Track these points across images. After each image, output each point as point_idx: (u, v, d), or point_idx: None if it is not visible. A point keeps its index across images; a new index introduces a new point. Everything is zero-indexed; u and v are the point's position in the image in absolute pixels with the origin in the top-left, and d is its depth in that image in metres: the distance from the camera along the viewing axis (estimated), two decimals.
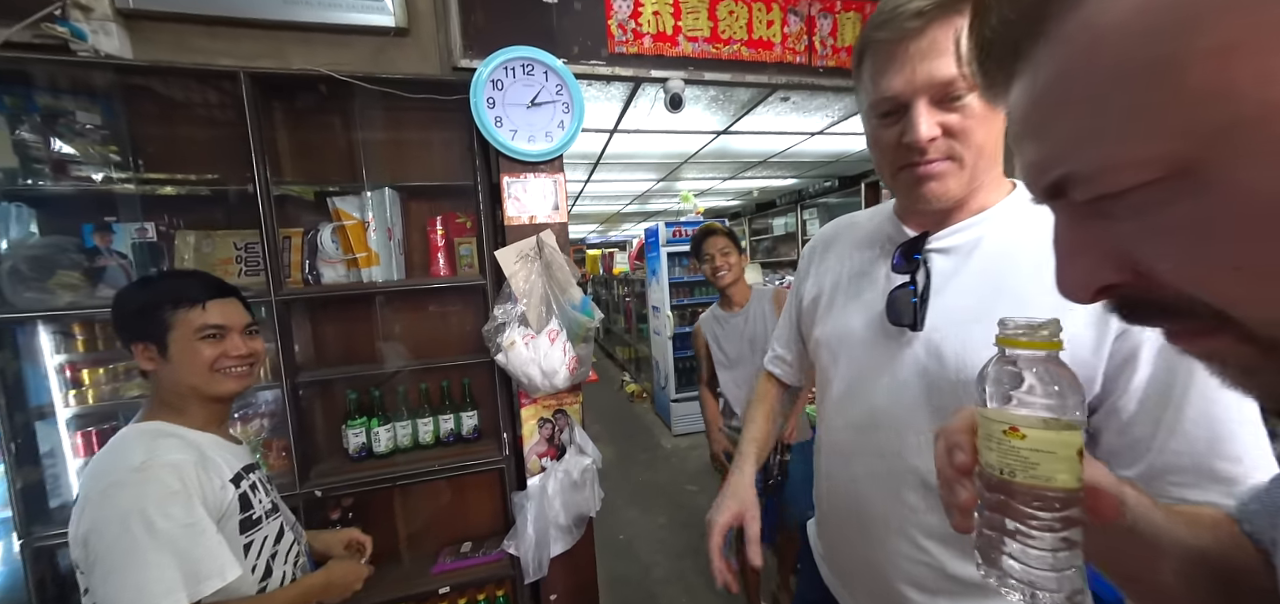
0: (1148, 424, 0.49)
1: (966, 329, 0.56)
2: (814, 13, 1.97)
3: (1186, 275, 0.20)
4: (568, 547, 1.70)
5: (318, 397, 1.68)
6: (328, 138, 1.64)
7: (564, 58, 1.72)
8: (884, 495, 0.62)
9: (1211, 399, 0.46)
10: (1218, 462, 0.46)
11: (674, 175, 4.64)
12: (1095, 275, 0.23)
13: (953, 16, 0.51)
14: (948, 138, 0.54)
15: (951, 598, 0.58)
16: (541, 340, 1.58)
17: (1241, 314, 0.19)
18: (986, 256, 0.58)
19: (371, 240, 1.57)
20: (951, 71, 0.51)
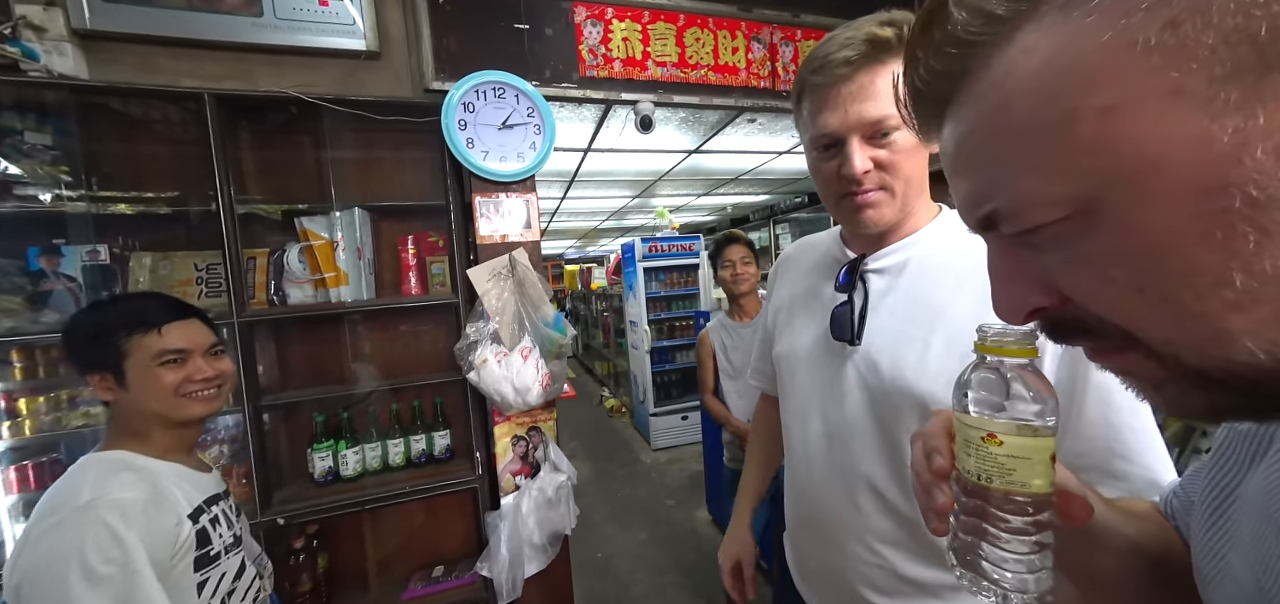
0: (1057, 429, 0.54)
1: (897, 343, 0.61)
2: (775, 41, 2.08)
3: (1096, 300, 0.22)
4: (542, 566, 1.69)
5: (282, 420, 1.64)
6: (296, 157, 1.63)
7: (536, 81, 1.77)
8: (840, 502, 0.65)
9: (1106, 404, 0.52)
10: (1114, 461, 0.52)
11: (649, 192, 4.72)
12: (1026, 300, 0.26)
13: (877, 64, 0.57)
14: (879, 170, 0.60)
15: (907, 599, 0.62)
16: (514, 358, 1.59)
17: (1145, 335, 0.21)
18: (913, 276, 0.63)
19: (340, 260, 1.56)
20: (879, 112, 0.57)
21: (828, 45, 0.59)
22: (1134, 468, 0.51)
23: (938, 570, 0.61)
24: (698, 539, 2.82)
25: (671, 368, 4.36)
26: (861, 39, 0.56)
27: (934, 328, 0.59)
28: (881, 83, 0.57)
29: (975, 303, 0.57)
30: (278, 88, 1.47)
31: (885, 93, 0.57)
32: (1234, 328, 0.19)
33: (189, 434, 0.87)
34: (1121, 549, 0.39)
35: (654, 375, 4.23)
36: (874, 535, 0.63)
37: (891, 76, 0.56)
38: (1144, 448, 0.51)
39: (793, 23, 2.10)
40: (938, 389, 0.58)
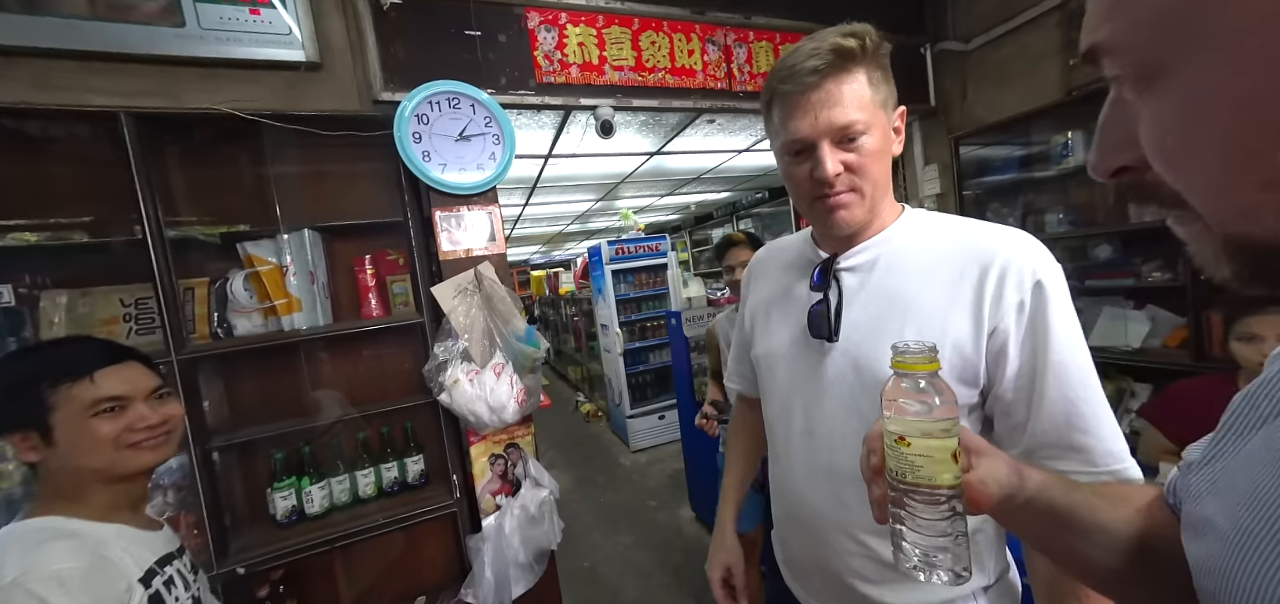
0: (1022, 409, 0.58)
1: (872, 336, 0.64)
2: (730, 42, 2.12)
3: (1159, 160, 0.23)
4: (530, 585, 1.65)
5: (236, 461, 1.53)
6: (233, 176, 1.52)
7: (491, 89, 1.73)
8: (824, 496, 0.67)
9: (1064, 382, 0.56)
10: (1073, 435, 0.56)
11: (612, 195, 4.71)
12: (1112, 157, 0.26)
13: (842, 73, 0.59)
14: (849, 173, 0.62)
15: (892, 585, 0.65)
16: (487, 375, 1.55)
17: (1191, 201, 0.23)
18: (884, 271, 0.66)
19: (291, 285, 1.47)
20: (847, 117, 0.60)
21: (794, 56, 0.61)
22: (1092, 440, 0.55)
23: None
24: (683, 539, 2.83)
25: (646, 369, 4.37)
26: (827, 49, 0.58)
27: (906, 320, 0.62)
28: (847, 90, 0.59)
29: (942, 293, 0.61)
30: (207, 103, 1.36)
31: (851, 99, 0.59)
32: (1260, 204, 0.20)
33: (134, 489, 0.79)
34: (1113, 539, 0.41)
35: (629, 377, 4.23)
36: (858, 526, 0.65)
37: (856, 84, 0.59)
38: (1099, 420, 0.56)
39: (744, 24, 2.15)
40: None
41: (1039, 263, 0.59)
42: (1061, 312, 0.57)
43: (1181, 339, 1.94)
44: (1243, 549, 0.28)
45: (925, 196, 2.81)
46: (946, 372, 0.57)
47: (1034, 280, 0.58)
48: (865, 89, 0.60)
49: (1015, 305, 0.58)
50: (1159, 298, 2.05)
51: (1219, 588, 0.29)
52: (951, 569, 0.39)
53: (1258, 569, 0.26)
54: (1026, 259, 0.59)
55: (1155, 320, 2.05)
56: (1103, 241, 2.21)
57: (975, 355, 0.59)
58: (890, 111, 0.65)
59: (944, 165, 2.70)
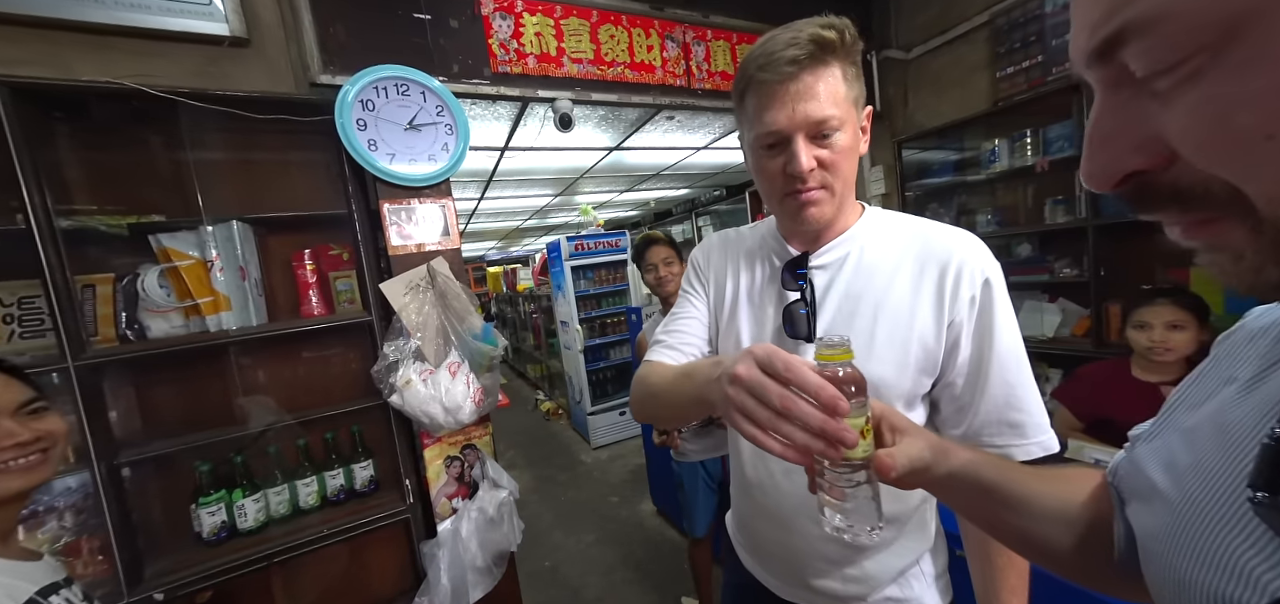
0: (969, 393, 0.64)
1: (843, 330, 0.64)
2: (688, 40, 2.14)
3: (1213, 150, 0.20)
4: (488, 589, 1.61)
5: (151, 476, 1.38)
6: (142, 161, 1.37)
7: (444, 77, 1.65)
8: (793, 488, 0.69)
9: (1005, 368, 0.62)
10: (1010, 412, 0.62)
11: (571, 190, 4.65)
12: (1121, 162, 0.24)
13: (820, 65, 0.58)
14: (821, 169, 0.62)
15: (853, 563, 0.69)
16: (441, 375, 1.49)
17: (1254, 190, 0.20)
18: (852, 270, 0.68)
19: (218, 282, 1.35)
20: (823, 112, 0.59)
21: (771, 44, 0.60)
22: (1025, 417, 0.62)
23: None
24: (645, 533, 2.86)
25: (607, 365, 4.36)
26: (807, 39, 0.57)
27: (876, 318, 0.64)
28: (824, 85, 0.59)
29: (907, 292, 0.64)
30: (104, 77, 1.21)
31: (827, 94, 0.59)
32: None
33: (3, 517, 0.69)
34: (1032, 508, 0.46)
35: (589, 374, 4.20)
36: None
37: (833, 79, 0.59)
38: (1031, 400, 0.63)
39: (703, 23, 2.17)
40: (887, 372, 0.63)
41: (986, 262, 0.64)
42: (1004, 306, 0.63)
43: (1086, 328, 2.17)
44: (1189, 517, 0.29)
45: (872, 196, 2.98)
46: (912, 365, 0.63)
47: (984, 278, 0.62)
48: (841, 84, 0.60)
49: (968, 301, 0.62)
50: (1068, 291, 2.28)
51: (1167, 551, 0.30)
52: (867, 528, 0.44)
53: (1204, 535, 0.28)
54: (977, 259, 0.63)
55: (1065, 312, 2.29)
56: (1023, 241, 2.43)
57: (936, 349, 0.63)
58: (860, 110, 0.65)
59: (888, 167, 2.87)
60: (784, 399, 0.41)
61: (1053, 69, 2.13)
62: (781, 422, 0.42)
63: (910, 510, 0.69)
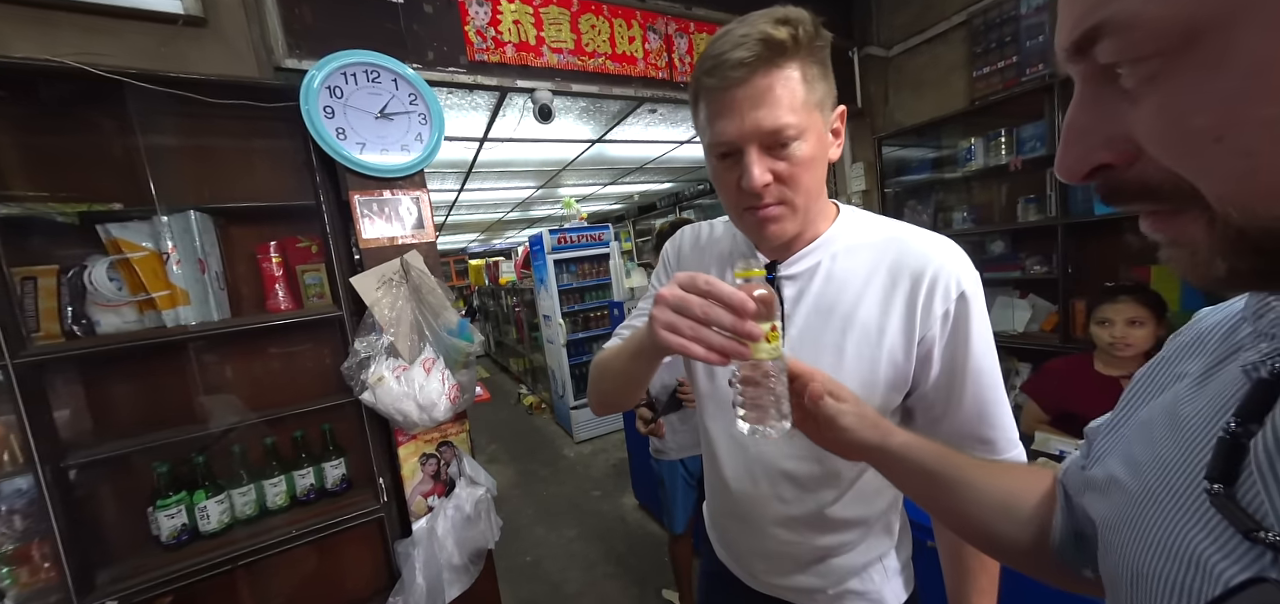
0: (940, 407, 0.63)
1: (815, 350, 0.63)
2: (671, 32, 2.12)
3: (1171, 148, 0.21)
4: (465, 587, 1.59)
5: (104, 478, 1.32)
6: (90, 146, 1.29)
7: (417, 65, 1.60)
8: (763, 495, 0.70)
9: (978, 385, 0.61)
10: (982, 429, 0.62)
11: (554, 183, 4.60)
12: (1091, 156, 0.25)
13: (773, 67, 0.53)
14: (779, 184, 0.57)
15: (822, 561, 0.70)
16: (415, 371, 1.45)
17: (1208, 188, 0.21)
18: (823, 280, 0.64)
19: (175, 275, 1.28)
20: (776, 121, 0.53)
21: (721, 42, 0.54)
22: (997, 433, 0.62)
23: (842, 535, 0.69)
24: (627, 527, 2.86)
25: (590, 359, 4.33)
26: (756, 38, 0.52)
27: (846, 332, 0.62)
28: (779, 88, 0.53)
29: (878, 305, 0.61)
30: (44, 54, 1.13)
31: (783, 98, 0.53)
32: None
33: None
34: (973, 494, 0.48)
35: (572, 368, 4.18)
36: (796, 521, 0.69)
37: (789, 82, 0.53)
38: (1003, 417, 0.62)
39: (685, 15, 2.15)
40: (854, 390, 0.61)
41: (963, 274, 0.60)
42: (979, 321, 0.60)
43: (1054, 324, 2.24)
44: (1147, 509, 0.30)
45: (852, 193, 3.01)
46: (881, 382, 0.62)
47: (959, 292, 0.59)
48: (799, 87, 0.54)
49: (941, 316, 0.60)
50: (1038, 288, 2.35)
51: (1125, 542, 0.31)
52: (773, 425, 0.49)
53: (1161, 526, 0.29)
54: (952, 270, 0.60)
55: (1035, 307, 2.35)
56: (997, 238, 2.49)
57: (907, 364, 0.61)
58: (828, 112, 0.59)
59: (869, 164, 2.90)
60: (705, 307, 0.47)
61: (1027, 70, 2.18)
62: (702, 328, 0.48)
63: (877, 514, 0.69)
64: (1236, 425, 0.26)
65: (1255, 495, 0.25)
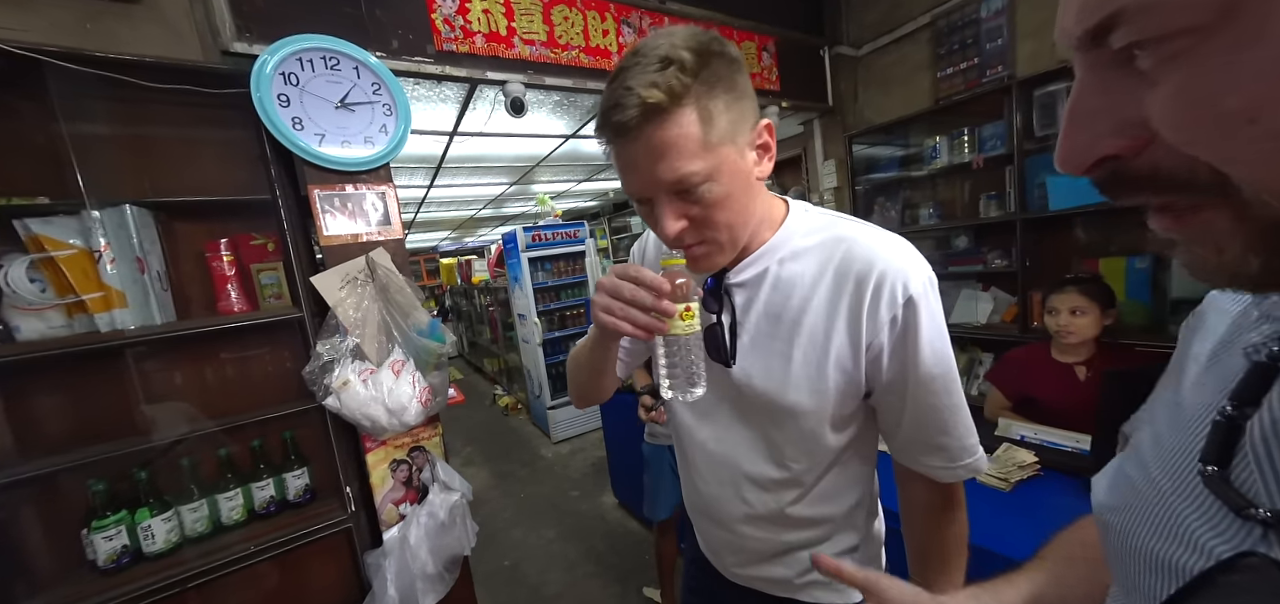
0: (894, 413, 0.62)
1: (766, 358, 0.63)
2: (645, 26, 2.10)
3: (1198, 132, 0.20)
4: (441, 596, 1.53)
5: (27, 500, 1.20)
6: (4, 134, 1.16)
7: (380, 53, 1.53)
8: (730, 496, 0.71)
9: (928, 392, 0.59)
10: (936, 436, 0.60)
11: (527, 179, 4.51)
12: (1099, 145, 0.23)
13: (664, 120, 0.49)
14: (695, 226, 0.55)
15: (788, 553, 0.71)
16: (384, 374, 1.39)
17: (1240, 175, 0.20)
18: (771, 287, 0.63)
19: (109, 275, 1.17)
20: (677, 173, 0.51)
21: (609, 96, 0.52)
22: (951, 440, 0.60)
23: (806, 532, 0.70)
24: (607, 525, 2.84)
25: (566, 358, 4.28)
26: (634, 104, 0.49)
27: (793, 340, 0.61)
28: (673, 136, 0.50)
29: (825, 310, 0.60)
30: None
31: (681, 147, 0.50)
32: None
33: None
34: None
35: (548, 367, 4.12)
36: (761, 519, 0.70)
37: (682, 128, 0.50)
38: (957, 422, 0.60)
39: (659, 9, 2.14)
40: (803, 400, 0.61)
41: (911, 277, 0.57)
42: (929, 325, 0.58)
43: (1013, 315, 2.35)
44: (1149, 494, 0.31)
45: (825, 189, 3.07)
46: (831, 390, 0.61)
47: (905, 297, 0.57)
48: (694, 129, 0.50)
49: (888, 322, 0.58)
50: (999, 281, 2.45)
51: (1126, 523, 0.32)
52: (689, 390, 0.58)
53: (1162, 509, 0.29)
54: (899, 274, 0.57)
55: (996, 300, 2.46)
56: (961, 233, 2.59)
57: (856, 371, 0.61)
58: (742, 137, 0.54)
59: (840, 161, 2.96)
60: (632, 291, 0.55)
61: (987, 71, 2.26)
62: (630, 308, 0.56)
63: (841, 513, 0.70)
64: (1232, 408, 0.27)
65: (1249, 476, 0.25)
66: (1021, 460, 1.30)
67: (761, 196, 0.62)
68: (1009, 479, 1.25)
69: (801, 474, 0.66)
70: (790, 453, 0.65)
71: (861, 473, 0.70)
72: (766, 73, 2.52)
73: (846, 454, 0.67)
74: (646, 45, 0.51)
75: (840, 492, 0.68)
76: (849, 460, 0.68)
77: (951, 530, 0.66)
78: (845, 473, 0.68)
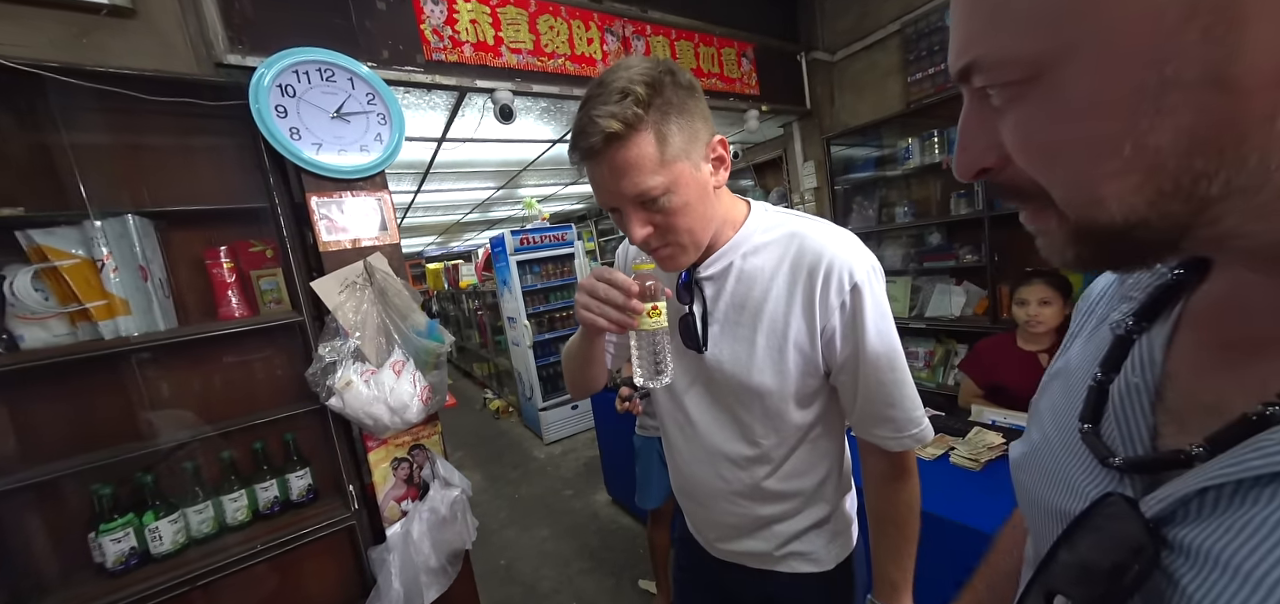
0: (850, 387, 0.69)
1: (734, 344, 0.70)
2: (628, 34, 2.18)
3: (1026, 159, 0.25)
4: (444, 589, 1.58)
5: (33, 505, 1.22)
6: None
7: (372, 63, 1.58)
8: (707, 475, 0.78)
9: (877, 368, 0.65)
10: (884, 409, 0.67)
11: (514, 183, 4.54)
12: (976, 160, 0.28)
13: (623, 144, 0.57)
14: (659, 232, 0.63)
15: (764, 528, 0.77)
16: (385, 374, 1.43)
17: (1053, 191, 0.25)
18: (736, 279, 0.70)
19: (112, 283, 1.21)
20: (638, 187, 0.58)
21: (577, 123, 0.59)
22: (897, 412, 0.67)
23: (778, 505, 0.76)
24: (600, 522, 2.89)
25: (557, 360, 4.33)
26: (597, 133, 0.57)
27: (757, 327, 0.68)
28: (633, 156, 0.57)
29: (783, 299, 0.68)
30: None
31: (640, 165, 0.58)
32: (1106, 194, 0.23)
33: None
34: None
35: (539, 369, 4.15)
36: (737, 495, 0.77)
37: (640, 148, 0.57)
38: (903, 396, 0.67)
39: (642, 17, 2.21)
40: (767, 381, 0.68)
41: (856, 266, 0.64)
42: (874, 308, 0.64)
43: (985, 307, 2.48)
44: (1043, 451, 0.36)
45: (805, 190, 3.18)
46: (792, 370, 0.68)
47: (851, 284, 0.64)
48: (651, 149, 0.58)
49: (838, 306, 0.65)
50: (971, 275, 2.58)
51: (1028, 480, 0.37)
52: (655, 379, 0.66)
53: (1053, 464, 0.34)
54: (845, 264, 0.64)
55: (969, 293, 2.59)
56: (934, 230, 2.71)
57: (813, 352, 0.67)
58: (697, 152, 0.62)
59: (819, 162, 3.08)
60: (606, 291, 0.64)
61: None
62: (604, 306, 0.64)
63: (811, 487, 0.76)
64: (1101, 375, 0.32)
65: (1111, 430, 0.30)
66: (990, 442, 1.40)
67: (721, 201, 0.69)
68: (979, 459, 1.34)
69: (770, 450, 0.73)
70: (759, 430, 0.72)
71: (828, 449, 0.76)
72: (746, 77, 2.61)
73: (814, 432, 0.74)
74: (608, 76, 0.59)
75: (809, 467, 0.75)
76: (817, 438, 0.75)
77: (902, 497, 0.72)
78: (814, 450, 0.75)
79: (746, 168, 3.76)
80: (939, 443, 1.46)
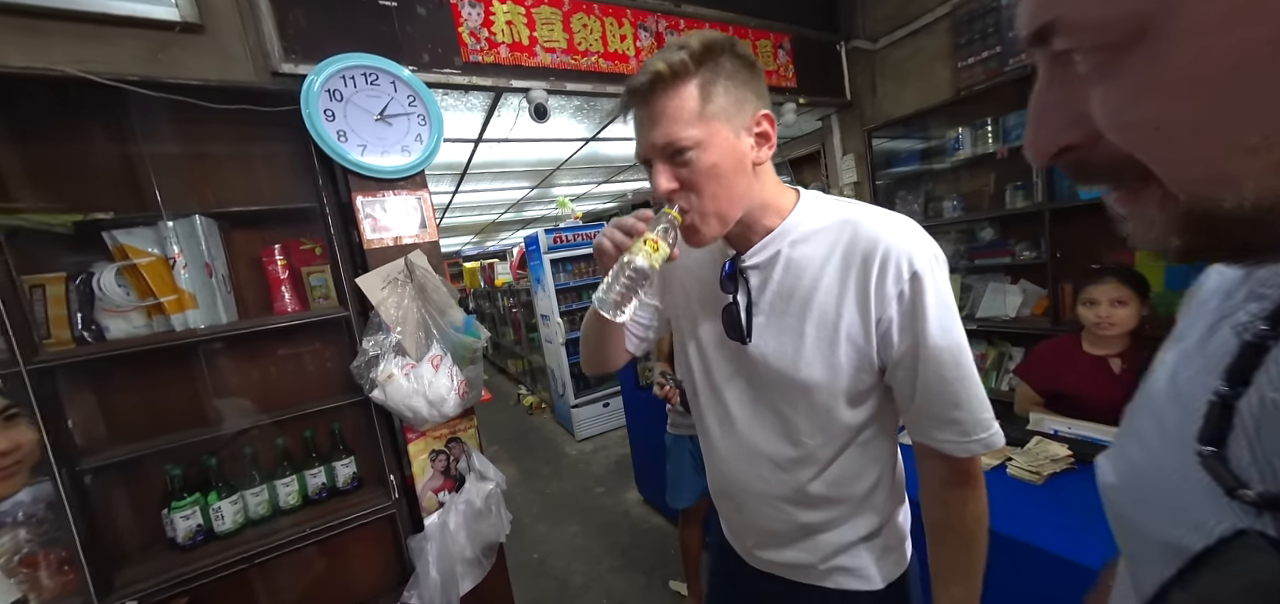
0: (907, 387, 0.64)
1: (780, 336, 0.66)
2: (661, 30, 2.16)
3: (1124, 133, 0.22)
4: (478, 580, 1.62)
5: (118, 482, 1.33)
6: (88, 154, 1.29)
7: (413, 67, 1.63)
8: (748, 476, 0.73)
9: (939, 363, 0.60)
10: (949, 410, 0.61)
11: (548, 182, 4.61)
12: (1057, 137, 0.25)
13: (667, 90, 0.58)
14: (684, 190, 0.61)
15: (805, 538, 0.73)
16: (424, 368, 1.48)
17: (1156, 169, 0.22)
18: (784, 269, 0.66)
19: (182, 279, 1.30)
20: (666, 136, 0.58)
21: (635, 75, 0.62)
22: (963, 413, 0.61)
23: (823, 512, 0.71)
24: (630, 521, 2.89)
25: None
26: (650, 70, 0.58)
27: (806, 318, 0.64)
28: (672, 106, 0.58)
29: (835, 289, 0.63)
30: (41, 64, 1.13)
31: (676, 115, 0.58)
32: (1237, 172, 0.19)
33: None
34: None
35: (572, 367, 4.20)
36: (778, 498, 0.72)
37: (682, 98, 0.58)
38: (970, 396, 0.61)
39: (675, 12, 2.19)
40: (815, 375, 0.64)
41: (916, 253, 0.60)
42: (936, 299, 0.59)
43: (1044, 307, 2.30)
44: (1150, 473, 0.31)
45: (844, 184, 3.06)
46: (844, 365, 0.64)
47: (911, 272, 0.59)
48: (693, 102, 0.58)
49: (895, 296, 0.60)
50: (1028, 273, 2.40)
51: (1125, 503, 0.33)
52: (610, 311, 0.61)
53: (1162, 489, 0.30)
54: (904, 251, 0.60)
55: (1026, 293, 2.41)
56: (986, 225, 2.55)
57: (867, 345, 0.63)
58: (737, 119, 0.60)
59: (859, 156, 2.95)
60: (619, 220, 0.67)
61: (1010, 59, 2.23)
62: (614, 231, 0.66)
63: (860, 494, 0.70)
64: (1226, 388, 0.27)
65: (1242, 456, 0.26)
66: (1054, 453, 1.28)
67: (765, 185, 0.66)
68: (1041, 472, 1.23)
69: (816, 450, 0.68)
70: (804, 428, 0.68)
71: (880, 453, 0.70)
72: (782, 70, 2.54)
73: (865, 434, 0.68)
74: (672, 39, 0.63)
75: (858, 471, 0.69)
76: (867, 441, 0.69)
77: (968, 506, 0.65)
78: (864, 453, 0.69)
79: (783, 163, 3.66)
80: (994, 453, 1.36)
